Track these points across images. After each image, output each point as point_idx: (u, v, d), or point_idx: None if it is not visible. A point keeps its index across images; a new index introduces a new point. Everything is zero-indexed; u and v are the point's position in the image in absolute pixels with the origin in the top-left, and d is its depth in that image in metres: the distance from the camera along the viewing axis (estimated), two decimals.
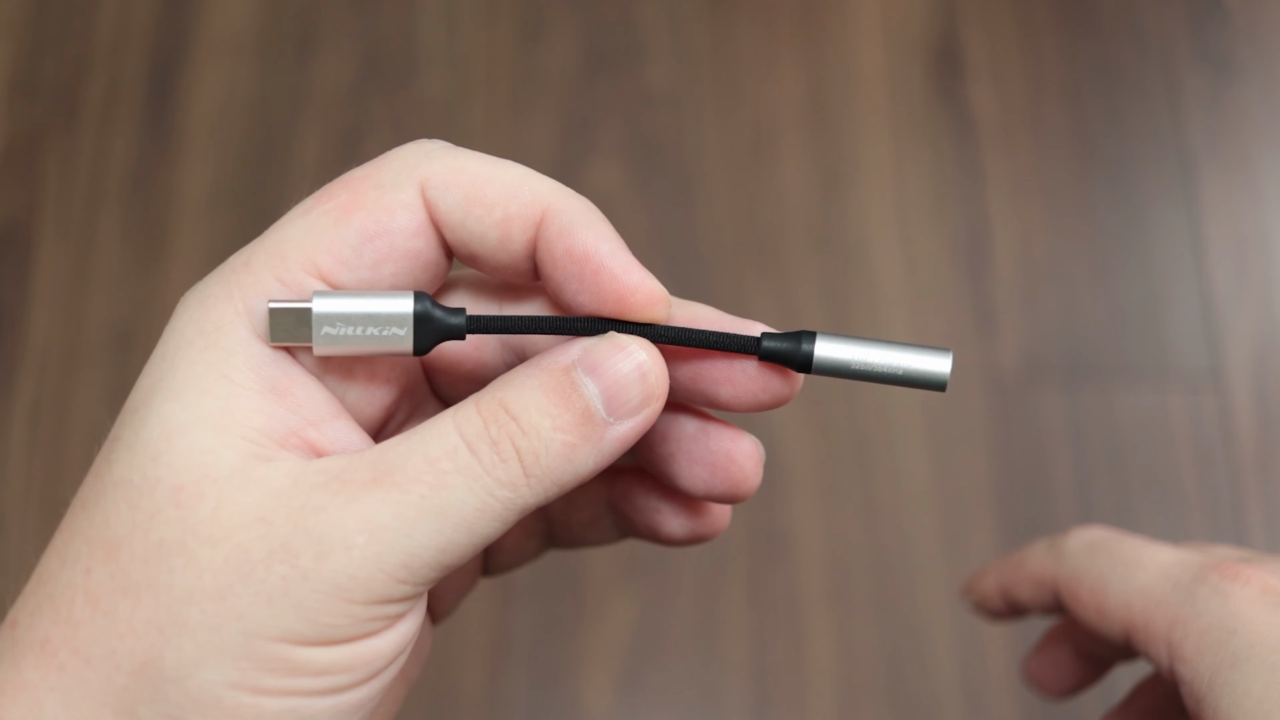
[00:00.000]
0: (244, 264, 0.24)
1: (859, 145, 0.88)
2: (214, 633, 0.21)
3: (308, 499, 0.22)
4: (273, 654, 0.21)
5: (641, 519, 0.29)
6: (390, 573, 0.22)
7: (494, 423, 0.23)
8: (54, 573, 0.23)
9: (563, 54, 0.90)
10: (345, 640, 0.22)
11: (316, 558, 0.21)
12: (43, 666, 0.22)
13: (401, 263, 0.24)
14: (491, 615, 0.77)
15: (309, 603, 0.21)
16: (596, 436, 0.23)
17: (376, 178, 0.24)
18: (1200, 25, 0.91)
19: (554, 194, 0.24)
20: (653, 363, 0.24)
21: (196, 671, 0.21)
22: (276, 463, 0.22)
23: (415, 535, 0.22)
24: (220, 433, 0.22)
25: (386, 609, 0.22)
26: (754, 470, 0.26)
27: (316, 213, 0.24)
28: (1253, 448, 0.81)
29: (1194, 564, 0.29)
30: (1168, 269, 0.85)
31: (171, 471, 0.22)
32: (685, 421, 0.27)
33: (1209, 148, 0.88)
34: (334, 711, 0.22)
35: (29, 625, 0.22)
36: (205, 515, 0.22)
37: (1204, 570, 0.29)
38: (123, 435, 0.23)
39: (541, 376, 0.23)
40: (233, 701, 0.21)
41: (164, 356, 0.23)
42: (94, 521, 0.22)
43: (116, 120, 0.89)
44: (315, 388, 0.24)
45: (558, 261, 0.24)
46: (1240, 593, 0.28)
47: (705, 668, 0.76)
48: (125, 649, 0.22)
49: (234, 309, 0.23)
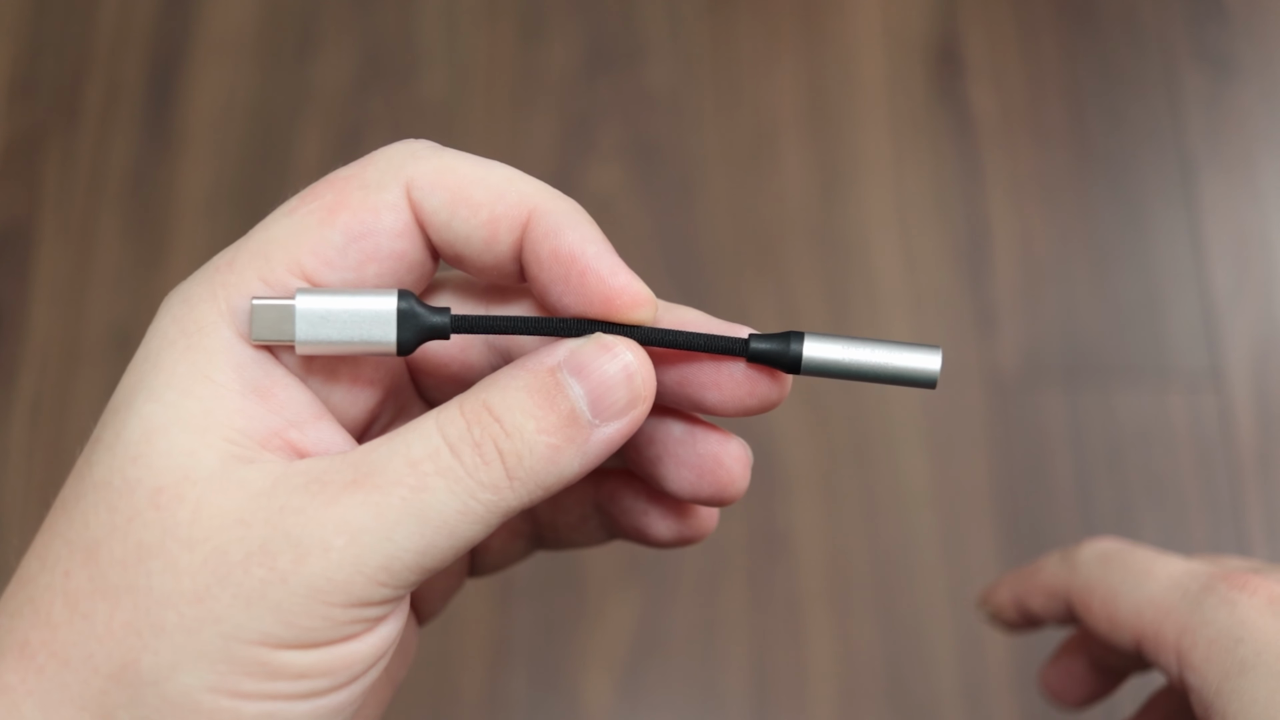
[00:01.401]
0: (228, 264, 0.24)
1: (859, 145, 0.88)
2: (191, 636, 0.21)
3: (287, 500, 0.22)
4: (251, 657, 0.21)
5: (629, 521, 0.29)
6: (370, 575, 0.22)
7: (477, 424, 0.22)
8: (34, 575, 0.22)
9: (562, 54, 0.90)
10: (324, 643, 0.22)
11: (295, 560, 0.21)
12: (21, 669, 0.22)
13: (386, 263, 0.24)
14: (491, 615, 0.77)
15: (287, 605, 0.21)
16: (581, 439, 0.23)
17: (362, 177, 0.24)
18: (1200, 25, 0.91)
19: (541, 195, 0.24)
20: (639, 364, 0.24)
21: (174, 675, 0.21)
22: (257, 464, 0.22)
23: (395, 538, 0.22)
24: (201, 434, 0.22)
25: (366, 612, 0.22)
26: (741, 473, 0.26)
27: (301, 212, 0.24)
28: (1253, 448, 0.81)
29: (1203, 574, 0.29)
30: (1167, 269, 0.85)
31: (151, 473, 0.22)
32: (672, 424, 0.26)
33: (1209, 147, 0.88)
34: (313, 715, 0.22)
35: (9, 628, 0.22)
36: (184, 517, 0.22)
37: (1212, 580, 0.29)
38: (103, 436, 0.23)
39: (526, 378, 0.23)
40: (211, 705, 0.21)
41: (146, 356, 0.23)
42: (74, 523, 0.22)
43: (117, 120, 0.89)
44: (298, 389, 0.24)
45: (544, 263, 0.23)
46: (1248, 601, 0.28)
47: (705, 668, 0.76)
48: (103, 652, 0.21)
49: (217, 309, 0.23)
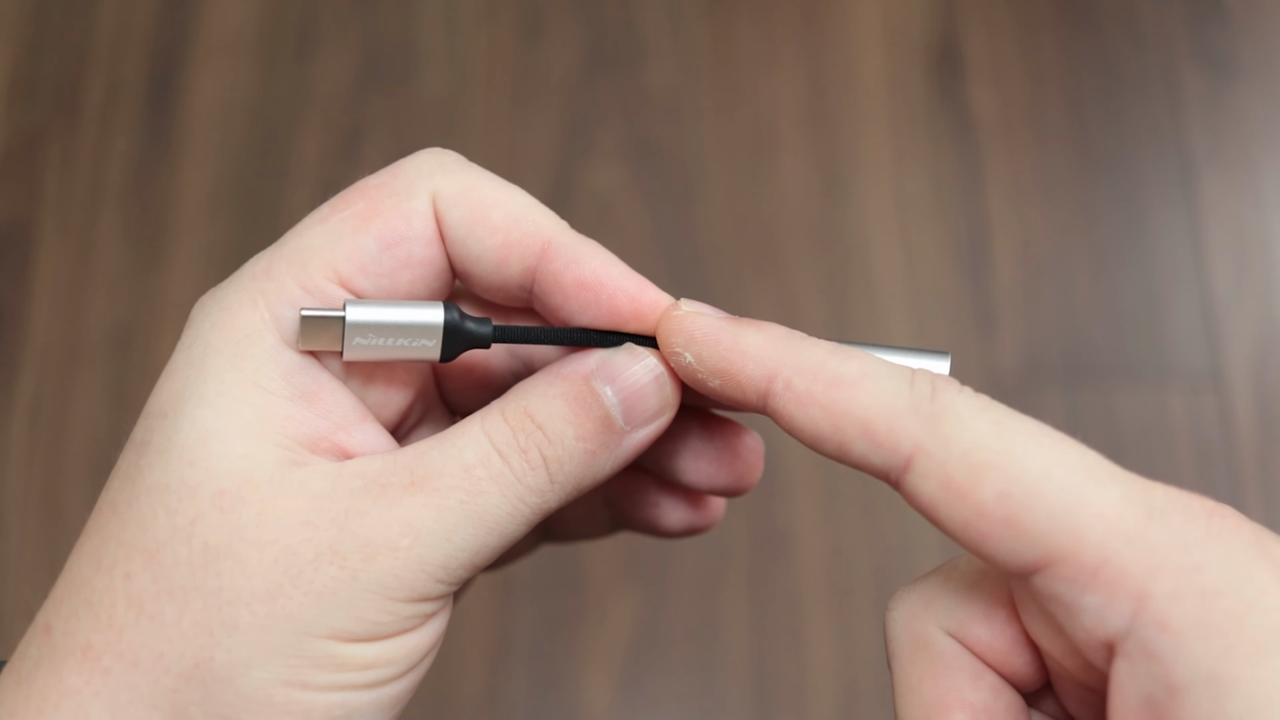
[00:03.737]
0: (265, 271, 0.24)
1: (859, 145, 0.88)
2: (264, 633, 0.22)
3: (350, 503, 0.23)
4: (322, 651, 0.22)
5: (639, 513, 0.30)
6: (431, 573, 0.23)
7: (522, 431, 0.24)
8: (88, 578, 0.23)
9: (562, 53, 0.90)
10: (388, 636, 0.23)
11: (365, 559, 0.23)
12: (86, 672, 0.22)
13: (418, 270, 0.25)
14: (492, 615, 0.77)
15: (357, 602, 0.22)
16: (615, 443, 0.25)
17: (392, 186, 0.25)
18: (1200, 25, 0.91)
19: (556, 228, 0.25)
20: (668, 373, 0.25)
21: (248, 671, 0.22)
22: (310, 467, 0.23)
23: (454, 539, 0.23)
24: (255, 439, 0.23)
25: (425, 606, 0.23)
26: (757, 463, 0.28)
27: (334, 220, 0.24)
28: (1253, 447, 0.81)
29: (1171, 493, 0.21)
30: (1167, 268, 0.85)
31: (211, 476, 0.23)
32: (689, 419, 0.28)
33: (1209, 147, 0.88)
34: (377, 704, 0.23)
35: (66, 631, 0.23)
36: (250, 519, 0.22)
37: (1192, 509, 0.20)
38: (152, 440, 0.23)
39: (563, 385, 0.24)
40: (284, 699, 0.22)
41: (189, 362, 0.24)
42: (129, 526, 0.23)
43: (116, 120, 0.89)
44: (343, 392, 0.25)
45: (569, 292, 0.25)
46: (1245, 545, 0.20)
47: (705, 667, 0.76)
48: (174, 651, 0.22)
49: (259, 316, 0.24)
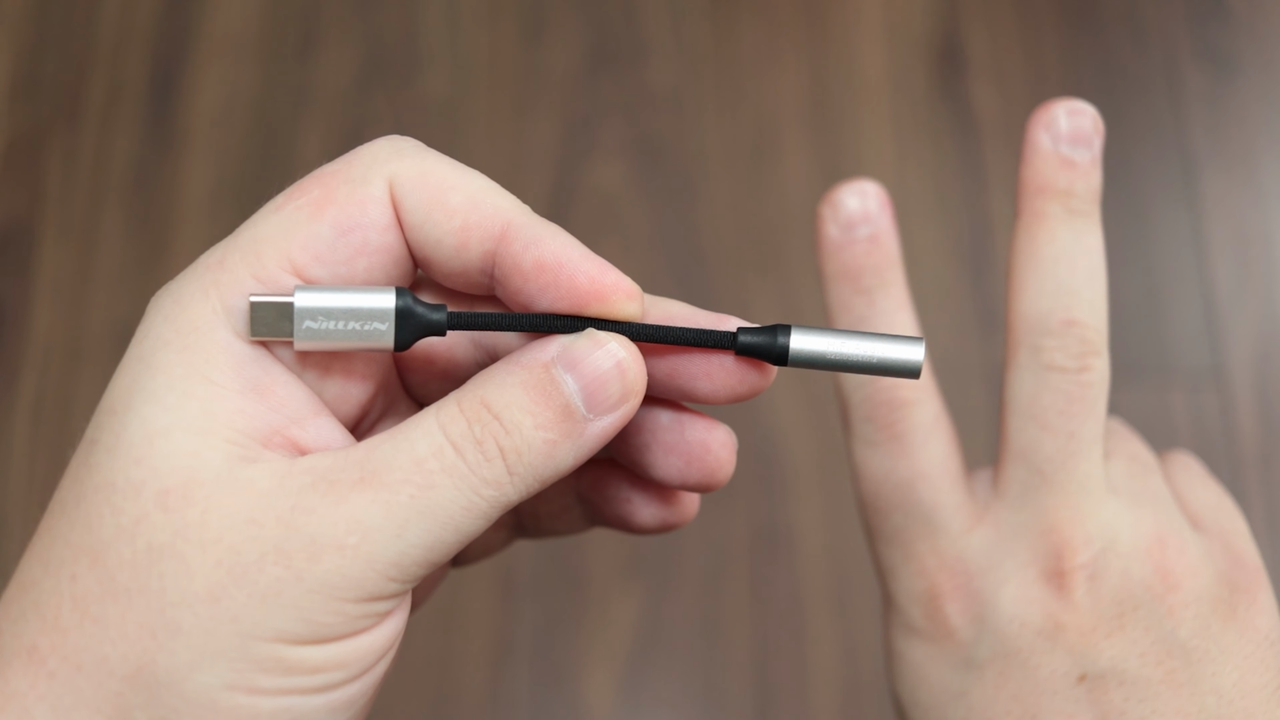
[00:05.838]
0: (218, 262, 0.24)
1: (861, 143, 0.88)
2: (208, 635, 0.21)
3: (297, 500, 0.22)
4: (267, 654, 0.22)
5: (611, 509, 0.29)
6: (381, 571, 0.22)
7: (477, 422, 0.23)
8: (37, 579, 0.22)
9: (564, 52, 0.90)
10: (338, 638, 0.22)
11: (310, 558, 0.22)
12: (31, 675, 0.22)
13: (375, 258, 0.24)
14: (494, 615, 0.77)
15: (303, 603, 0.22)
16: (577, 433, 0.24)
17: (348, 172, 0.24)
18: (1201, 23, 0.91)
19: (515, 210, 0.24)
20: (631, 359, 0.24)
21: (192, 675, 0.21)
22: (261, 463, 0.22)
23: (405, 535, 0.22)
24: (203, 435, 0.22)
25: (377, 606, 0.22)
26: (728, 459, 0.27)
27: (289, 208, 0.24)
28: (1254, 445, 0.81)
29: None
30: (1169, 266, 0.85)
31: (156, 475, 0.22)
32: (659, 412, 0.27)
33: (1210, 145, 0.88)
34: (328, 708, 0.23)
35: (13, 633, 0.22)
36: (194, 519, 0.22)
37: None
38: (101, 438, 0.23)
39: (522, 374, 0.23)
40: (229, 703, 0.22)
41: (140, 357, 0.23)
42: (75, 526, 0.22)
43: (118, 119, 0.89)
44: (296, 385, 0.24)
45: (528, 274, 0.24)
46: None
47: (706, 667, 0.76)
48: (118, 654, 0.21)
49: (211, 308, 0.23)
